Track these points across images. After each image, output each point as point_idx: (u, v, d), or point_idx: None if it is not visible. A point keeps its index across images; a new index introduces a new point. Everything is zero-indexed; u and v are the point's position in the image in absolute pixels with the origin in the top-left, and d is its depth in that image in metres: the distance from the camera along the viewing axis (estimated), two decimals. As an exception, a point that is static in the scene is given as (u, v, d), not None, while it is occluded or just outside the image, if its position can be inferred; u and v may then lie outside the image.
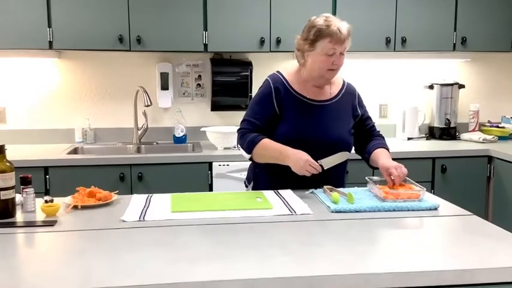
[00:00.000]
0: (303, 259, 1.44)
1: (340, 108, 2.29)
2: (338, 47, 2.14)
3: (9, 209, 1.81)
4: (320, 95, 2.27)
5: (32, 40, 3.28)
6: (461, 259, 1.44)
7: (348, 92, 2.34)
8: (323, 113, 2.24)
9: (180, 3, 3.38)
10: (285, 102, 2.22)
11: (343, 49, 2.16)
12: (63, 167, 3.13)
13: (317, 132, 2.19)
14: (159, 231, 1.68)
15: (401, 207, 1.92)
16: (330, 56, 2.15)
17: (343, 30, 2.13)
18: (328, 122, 2.22)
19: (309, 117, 2.22)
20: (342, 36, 2.12)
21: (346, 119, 2.30)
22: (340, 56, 2.17)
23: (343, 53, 2.18)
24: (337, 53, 2.15)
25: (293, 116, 2.21)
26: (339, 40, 2.12)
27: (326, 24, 2.14)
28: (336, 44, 2.13)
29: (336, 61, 2.17)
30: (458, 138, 3.91)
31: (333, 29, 2.12)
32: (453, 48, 3.68)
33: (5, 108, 3.67)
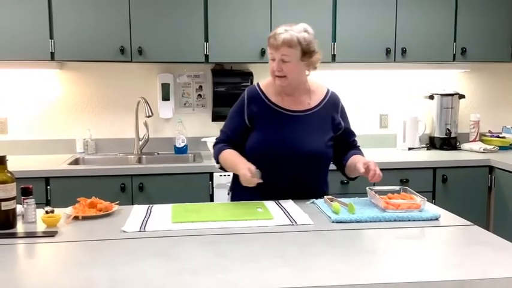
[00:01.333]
0: (304, 270, 1.44)
1: (318, 120, 2.25)
2: (274, 52, 2.14)
3: (10, 219, 1.81)
4: (296, 105, 2.24)
5: (33, 51, 3.30)
6: (462, 269, 1.44)
7: (330, 102, 2.31)
8: (298, 124, 2.21)
9: (181, 14, 3.40)
10: (258, 113, 2.22)
11: (280, 56, 2.13)
12: (64, 177, 3.13)
13: (288, 143, 2.17)
14: (160, 242, 1.68)
15: (402, 217, 1.92)
16: (272, 61, 2.17)
17: (279, 36, 2.11)
18: (302, 133, 2.19)
19: (282, 128, 2.19)
20: (275, 42, 2.12)
21: (325, 130, 2.25)
22: (281, 63, 2.13)
23: (286, 60, 2.13)
24: (276, 59, 2.14)
25: (264, 127, 2.20)
26: (273, 46, 2.13)
27: (274, 30, 2.17)
28: (271, 49, 2.14)
29: (275, 67, 2.15)
30: (459, 148, 3.91)
31: (271, 34, 2.16)
32: (453, 59, 3.70)
33: (7, 119, 3.68)
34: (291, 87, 2.22)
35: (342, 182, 3.33)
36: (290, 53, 2.13)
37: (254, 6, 3.45)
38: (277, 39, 2.12)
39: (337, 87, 3.94)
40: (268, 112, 2.22)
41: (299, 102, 2.25)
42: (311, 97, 2.28)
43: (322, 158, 2.23)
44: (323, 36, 3.54)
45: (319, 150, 2.20)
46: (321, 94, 2.31)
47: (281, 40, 2.11)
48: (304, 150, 2.17)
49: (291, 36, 2.12)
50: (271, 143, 2.17)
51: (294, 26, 2.17)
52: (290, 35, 2.12)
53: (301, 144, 2.17)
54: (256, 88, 2.28)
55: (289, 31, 2.13)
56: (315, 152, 2.19)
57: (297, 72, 2.19)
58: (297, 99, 2.25)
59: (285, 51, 2.12)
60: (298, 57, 2.15)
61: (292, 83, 2.21)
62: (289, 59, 2.13)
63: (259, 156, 2.16)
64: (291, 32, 2.13)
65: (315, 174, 2.25)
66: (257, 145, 2.20)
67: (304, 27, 2.18)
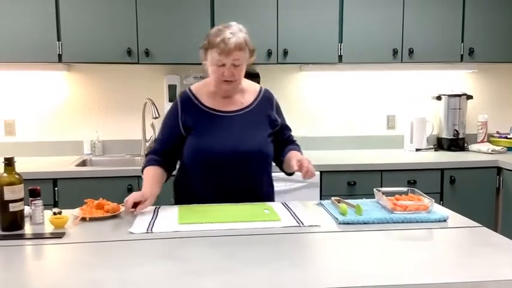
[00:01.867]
0: (312, 271, 1.43)
1: (254, 118, 2.22)
2: (224, 58, 2.07)
3: (18, 221, 1.82)
4: (230, 105, 2.21)
5: (41, 53, 3.32)
6: (470, 271, 1.43)
7: (264, 100, 2.28)
8: (232, 124, 2.18)
9: (188, 16, 3.40)
10: (191, 118, 2.18)
11: (232, 61, 2.08)
12: (72, 179, 3.14)
13: (226, 144, 2.13)
14: (167, 243, 1.68)
15: (410, 218, 1.91)
16: (220, 67, 2.10)
17: (230, 41, 2.05)
18: (238, 133, 2.17)
19: (218, 130, 2.16)
20: (226, 47, 2.05)
21: (262, 127, 2.23)
22: (234, 67, 2.09)
23: (237, 64, 2.09)
24: (227, 64, 2.09)
25: (200, 132, 2.17)
26: (224, 51, 2.05)
27: (215, 34, 2.09)
28: (221, 55, 2.07)
29: (226, 72, 2.10)
30: (466, 149, 3.89)
31: (218, 40, 2.07)
32: (461, 59, 3.68)
33: (15, 121, 3.70)
34: (236, 89, 2.21)
35: (349, 183, 3.33)
36: (241, 56, 2.10)
37: (260, 8, 3.45)
38: (229, 43, 2.05)
39: (343, 88, 3.97)
40: (202, 116, 2.19)
41: (232, 103, 2.23)
42: (244, 96, 2.25)
43: (263, 154, 2.20)
44: (330, 37, 3.54)
45: (258, 147, 2.18)
46: (253, 92, 2.29)
47: (233, 44, 2.06)
48: (243, 148, 2.14)
49: (240, 39, 2.08)
50: (209, 146, 2.14)
51: (233, 27, 2.12)
52: (239, 38, 2.08)
53: (240, 143, 2.14)
54: (189, 93, 2.24)
55: (236, 34, 2.09)
56: (254, 150, 2.16)
57: (243, 74, 2.18)
58: (231, 100, 2.23)
59: (237, 55, 2.08)
60: (246, 59, 2.14)
61: (237, 86, 2.20)
62: (240, 62, 2.10)
63: (199, 162, 2.14)
64: (238, 34, 2.10)
65: (257, 172, 2.21)
66: (195, 151, 2.16)
67: (239, 27, 2.15)
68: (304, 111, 3.95)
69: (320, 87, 3.95)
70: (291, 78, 3.91)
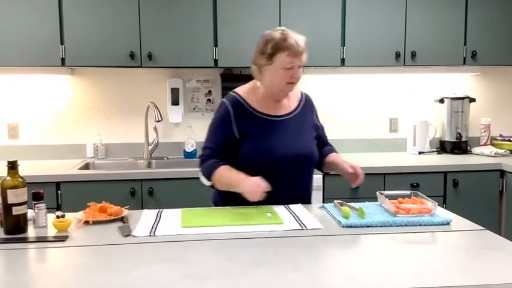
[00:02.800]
0: (314, 275, 1.43)
1: (301, 121, 2.27)
2: (296, 60, 2.11)
3: (21, 224, 1.82)
4: (280, 110, 2.24)
5: (44, 57, 3.33)
6: (474, 274, 1.43)
7: (306, 103, 2.33)
8: (285, 128, 2.21)
9: (191, 19, 3.41)
10: (245, 123, 2.18)
11: (301, 62, 2.13)
12: (75, 182, 3.14)
13: (282, 148, 2.15)
14: (170, 247, 1.68)
15: (413, 222, 1.90)
16: (289, 70, 2.12)
17: (300, 43, 2.11)
18: (292, 137, 2.20)
19: (272, 135, 2.18)
20: (299, 49, 2.10)
21: (309, 130, 2.29)
22: (298, 69, 2.14)
23: (300, 65, 2.14)
24: (295, 66, 2.12)
25: (255, 135, 2.17)
26: (297, 53, 2.10)
27: (283, 38, 2.12)
28: (294, 58, 2.10)
29: (294, 74, 2.13)
30: (469, 152, 3.89)
31: (290, 42, 2.10)
32: (463, 62, 3.67)
33: (18, 124, 3.71)
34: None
35: (352, 186, 3.32)
36: (305, 57, 2.16)
37: (263, 11, 3.46)
38: (300, 45, 2.11)
39: (346, 91, 3.97)
40: (257, 122, 2.19)
41: (281, 107, 2.25)
42: (289, 100, 2.29)
43: (313, 157, 2.25)
44: (332, 40, 3.54)
45: (309, 150, 2.23)
46: (296, 96, 2.32)
47: (303, 46, 2.12)
48: (297, 152, 2.17)
49: (304, 40, 2.15)
50: (265, 150, 2.15)
51: (288, 30, 2.17)
52: (304, 39, 2.15)
53: (294, 147, 2.18)
54: (238, 98, 2.22)
55: (297, 34, 2.15)
56: (306, 153, 2.21)
57: None
58: (280, 104, 2.25)
59: (304, 56, 2.14)
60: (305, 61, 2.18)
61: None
62: (303, 63, 2.16)
63: (255, 167, 2.13)
64: (299, 35, 2.15)
65: (307, 175, 2.26)
66: (251, 155, 2.16)
67: (289, 30, 2.18)
68: (306, 115, 3.94)
69: (323, 90, 3.95)
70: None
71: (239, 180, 2.09)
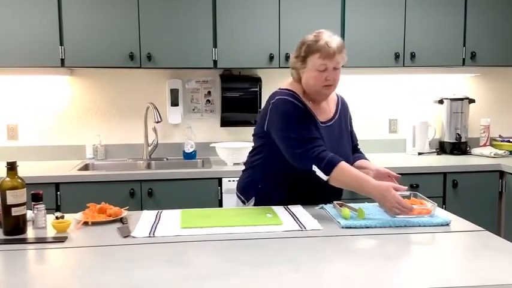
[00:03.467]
0: (313, 276, 1.43)
1: (341, 127, 2.27)
2: (328, 61, 2.07)
3: (21, 225, 1.82)
4: (323, 115, 2.21)
5: (44, 58, 3.33)
6: (473, 275, 1.43)
7: (343, 108, 2.33)
8: (329, 133, 2.19)
9: (190, 20, 3.41)
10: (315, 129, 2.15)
11: (334, 63, 2.08)
12: (74, 183, 3.14)
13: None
14: (169, 248, 1.68)
15: (413, 222, 1.90)
16: (322, 72, 2.08)
17: (332, 44, 2.06)
18: (334, 143, 2.18)
19: (329, 143, 2.15)
20: (330, 50, 2.05)
21: (347, 136, 2.30)
22: (334, 71, 2.09)
23: (337, 67, 2.10)
24: (329, 68, 2.08)
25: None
26: (328, 55, 2.06)
27: (315, 40, 2.09)
28: (325, 59, 2.07)
29: (329, 76, 2.09)
30: (469, 153, 3.89)
31: (321, 43, 2.07)
32: (462, 63, 3.68)
33: (17, 125, 3.71)
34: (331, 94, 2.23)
35: (351, 187, 3.32)
36: (341, 59, 2.11)
37: (262, 12, 3.46)
38: (332, 46, 2.06)
39: (345, 92, 3.95)
40: (317, 129, 2.15)
41: (324, 111, 2.23)
42: (328, 104, 2.27)
43: (351, 163, 2.20)
44: (331, 41, 3.54)
45: (349, 156, 2.24)
46: (333, 99, 2.31)
47: (336, 47, 2.07)
48: (343, 158, 2.08)
49: (340, 41, 2.10)
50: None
51: (327, 32, 2.12)
52: (338, 40, 2.10)
53: (340, 152, 2.13)
54: (298, 102, 2.14)
55: (333, 36, 2.10)
56: (346, 159, 2.13)
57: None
58: (322, 108, 2.23)
59: (338, 58, 2.09)
60: (344, 62, 2.15)
61: (334, 90, 2.21)
62: (339, 65, 2.11)
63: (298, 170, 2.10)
64: (335, 36, 2.10)
65: None
66: None
67: (330, 32, 2.14)
68: (306, 115, 3.94)
69: (322, 91, 3.94)
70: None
71: (369, 187, 1.97)
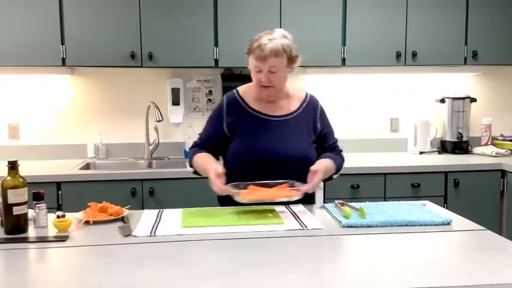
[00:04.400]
0: (315, 275, 1.43)
1: (299, 123, 2.23)
2: (261, 64, 2.08)
3: (22, 224, 1.82)
4: (277, 110, 2.22)
5: (45, 57, 3.33)
6: (475, 274, 1.43)
7: (309, 105, 2.29)
8: (278, 128, 2.19)
9: (191, 19, 3.41)
10: (238, 120, 2.19)
11: (268, 67, 2.08)
12: (75, 182, 3.14)
13: (271, 149, 2.13)
14: (170, 247, 1.68)
15: (414, 222, 1.90)
16: (258, 73, 2.11)
17: (265, 47, 2.06)
18: (284, 138, 2.17)
19: (264, 134, 2.17)
20: (262, 53, 2.05)
21: (306, 134, 2.24)
22: (270, 73, 2.09)
23: (273, 71, 2.09)
24: (263, 71, 2.09)
25: (246, 133, 2.18)
26: (260, 57, 2.06)
27: (255, 40, 2.11)
28: (258, 61, 2.08)
29: (263, 78, 2.10)
30: (470, 152, 3.88)
31: (255, 45, 2.09)
32: (464, 62, 3.67)
33: (19, 125, 3.71)
34: (277, 94, 2.21)
35: (352, 186, 3.32)
36: (278, 63, 2.10)
37: (264, 11, 3.46)
38: (264, 50, 2.07)
39: (347, 91, 3.97)
40: (249, 119, 2.20)
41: (279, 108, 2.24)
42: (290, 102, 2.26)
43: (306, 160, 2.17)
44: (333, 40, 3.54)
45: (302, 153, 2.18)
46: (299, 98, 2.29)
47: (268, 51, 2.07)
48: (288, 153, 2.14)
49: (276, 46, 2.09)
50: (255, 149, 2.14)
51: (274, 34, 2.13)
52: (275, 44, 2.09)
53: (285, 148, 2.15)
54: (236, 95, 2.25)
55: (273, 40, 2.10)
56: (299, 155, 2.16)
57: (283, 80, 2.18)
58: (277, 105, 2.24)
59: (273, 61, 2.08)
60: (284, 65, 2.13)
61: (279, 91, 2.20)
62: (277, 68, 2.11)
63: (243, 164, 2.14)
64: (275, 40, 2.10)
65: (300, 178, 2.18)
66: (240, 153, 2.17)
67: (283, 33, 2.15)
68: (307, 114, 3.94)
69: (323, 90, 3.94)
70: (294, 81, 3.91)
71: (207, 167, 2.09)
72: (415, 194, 3.36)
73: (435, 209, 2.12)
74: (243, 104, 2.23)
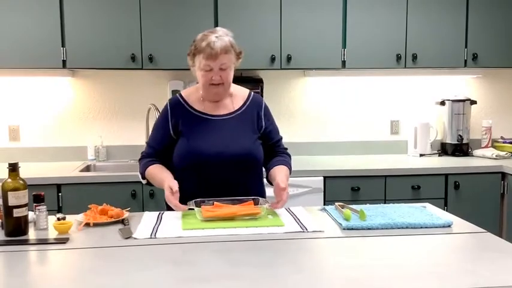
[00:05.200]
0: (315, 277, 1.43)
1: (243, 122, 2.23)
2: (212, 62, 2.09)
3: (22, 226, 1.82)
4: (220, 109, 2.23)
5: (45, 59, 3.33)
6: (475, 277, 1.42)
7: (252, 103, 2.28)
8: (223, 127, 2.20)
9: (191, 22, 3.42)
10: (183, 122, 2.21)
11: (219, 64, 2.10)
12: (76, 184, 3.15)
13: (215, 148, 2.14)
14: (170, 249, 1.68)
15: (414, 224, 1.90)
16: (208, 72, 2.12)
17: (215, 45, 2.08)
18: (228, 136, 2.17)
19: (207, 134, 2.18)
20: (213, 51, 2.07)
21: (250, 131, 2.24)
22: (221, 71, 2.12)
23: (224, 68, 2.12)
24: (214, 69, 2.11)
25: (190, 134, 2.19)
26: (211, 56, 2.08)
27: (201, 39, 2.12)
28: (208, 60, 2.09)
29: (214, 77, 2.12)
30: (471, 155, 3.88)
31: (203, 44, 2.09)
32: (464, 65, 3.67)
33: (19, 127, 3.71)
34: (226, 92, 2.22)
35: (353, 188, 3.32)
36: (227, 60, 2.12)
37: (264, 14, 3.46)
38: (215, 48, 2.08)
39: (347, 93, 3.97)
40: (192, 120, 2.21)
41: (223, 107, 2.24)
42: (233, 101, 2.27)
43: (251, 158, 2.19)
44: (333, 42, 3.54)
45: (247, 150, 2.19)
46: (243, 97, 2.30)
47: (219, 48, 2.08)
48: (233, 151, 2.14)
49: (225, 42, 2.11)
50: (198, 149, 2.15)
51: (218, 32, 2.15)
52: (224, 41, 2.11)
53: (229, 146, 2.16)
54: (179, 98, 2.27)
55: (220, 37, 2.11)
56: (243, 153, 2.17)
57: (231, 77, 2.19)
58: (221, 104, 2.25)
59: (224, 58, 2.10)
60: (233, 62, 2.16)
61: (228, 88, 2.21)
62: (227, 65, 2.13)
63: (189, 164, 2.15)
64: (222, 37, 2.12)
65: (246, 176, 2.20)
66: (184, 154, 2.17)
67: (225, 31, 2.17)
68: (307, 117, 3.95)
69: (323, 92, 3.95)
70: (295, 83, 3.92)
71: (162, 180, 2.10)
72: (416, 196, 3.36)
73: (435, 212, 2.12)
74: (186, 105, 2.24)
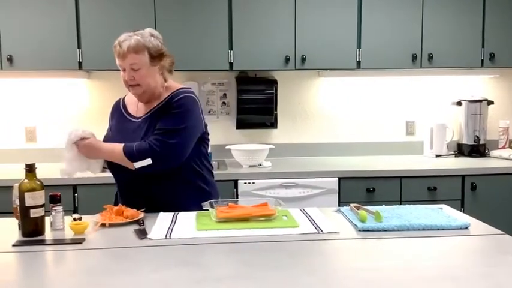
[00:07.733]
0: (330, 279, 1.42)
1: (153, 122, 2.16)
2: (121, 62, 2.11)
3: (39, 226, 1.84)
4: (142, 112, 2.23)
5: (61, 61, 3.36)
6: (493, 280, 1.40)
7: (166, 105, 2.17)
8: (138, 129, 2.19)
9: (206, 22, 3.42)
10: (113, 123, 2.31)
11: (128, 64, 2.10)
12: (91, 185, 3.17)
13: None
14: (185, 250, 1.68)
15: (431, 226, 1.88)
16: (123, 72, 2.14)
17: (123, 44, 2.08)
18: (139, 138, 2.14)
19: (123, 135, 2.20)
20: (120, 50, 2.09)
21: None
22: (133, 71, 2.11)
23: (135, 68, 2.10)
24: (126, 69, 2.12)
25: (112, 135, 2.29)
26: (119, 55, 2.10)
27: (117, 39, 2.14)
28: (118, 59, 2.12)
29: (125, 76, 2.13)
30: (487, 156, 3.84)
31: (115, 43, 2.12)
32: (481, 65, 3.63)
33: (36, 128, 3.75)
34: (147, 94, 2.18)
35: (368, 189, 3.30)
36: (138, 60, 2.10)
37: (278, 14, 3.46)
38: (122, 47, 2.08)
39: (362, 94, 3.95)
40: (119, 121, 2.27)
41: (147, 108, 2.23)
42: (158, 101, 2.22)
43: None
44: (348, 42, 3.52)
45: None
46: (163, 97, 2.22)
47: (126, 47, 2.08)
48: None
49: (135, 42, 2.10)
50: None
51: (139, 32, 2.15)
52: (134, 41, 2.10)
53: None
54: (120, 99, 2.35)
55: (133, 37, 2.11)
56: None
57: (150, 78, 2.14)
58: (147, 106, 2.23)
59: (133, 58, 2.09)
60: (147, 63, 2.12)
61: (148, 90, 2.17)
62: (138, 66, 2.11)
63: (109, 166, 2.26)
64: (135, 37, 2.11)
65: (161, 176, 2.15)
66: None
67: (150, 32, 2.17)
68: (322, 117, 3.93)
69: (338, 93, 3.93)
70: (309, 84, 3.90)
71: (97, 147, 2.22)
72: (432, 197, 3.33)
73: (452, 213, 2.10)
74: (121, 107, 2.31)
